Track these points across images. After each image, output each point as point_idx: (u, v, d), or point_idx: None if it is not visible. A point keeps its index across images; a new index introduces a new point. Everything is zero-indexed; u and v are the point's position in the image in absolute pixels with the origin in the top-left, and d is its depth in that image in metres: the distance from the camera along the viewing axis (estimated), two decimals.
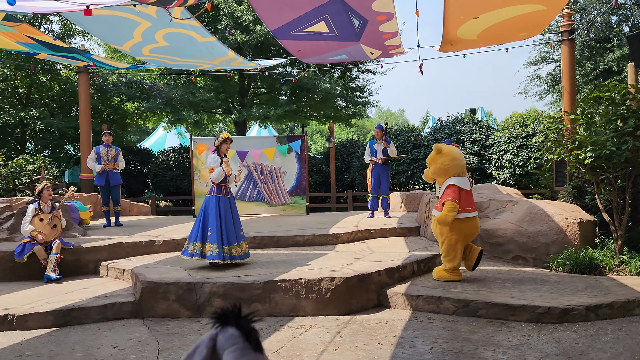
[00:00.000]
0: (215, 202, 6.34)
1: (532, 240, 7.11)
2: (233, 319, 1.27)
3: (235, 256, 6.33)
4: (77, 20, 8.94)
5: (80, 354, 4.45)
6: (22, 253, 6.88)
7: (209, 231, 6.26)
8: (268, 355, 4.21)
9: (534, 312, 4.97)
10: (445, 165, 6.09)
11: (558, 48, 21.75)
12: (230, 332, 1.24)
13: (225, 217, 6.33)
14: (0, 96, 18.60)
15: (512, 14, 7.19)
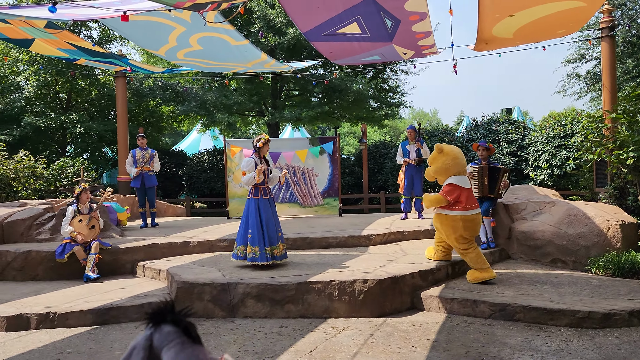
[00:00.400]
0: (255, 204, 6.38)
1: (571, 242, 6.92)
2: (167, 316, 1.24)
3: (276, 256, 6.38)
4: (115, 27, 9.17)
5: (119, 352, 4.55)
6: (62, 253, 7.08)
7: (249, 233, 6.31)
8: (301, 356, 4.22)
9: (574, 317, 4.84)
10: (447, 165, 6.25)
11: (598, 45, 21.16)
12: (166, 329, 1.22)
13: (267, 218, 6.35)
14: (43, 101, 19.21)
15: (549, 11, 7.02)
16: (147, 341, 1.23)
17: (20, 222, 8.25)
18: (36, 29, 7.95)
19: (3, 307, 5.69)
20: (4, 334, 5.22)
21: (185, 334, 1.20)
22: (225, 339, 4.80)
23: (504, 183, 7.51)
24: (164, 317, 1.24)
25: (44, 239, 8.19)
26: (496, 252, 7.40)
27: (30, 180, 13.24)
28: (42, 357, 4.52)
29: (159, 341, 1.21)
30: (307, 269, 6.19)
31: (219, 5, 5.77)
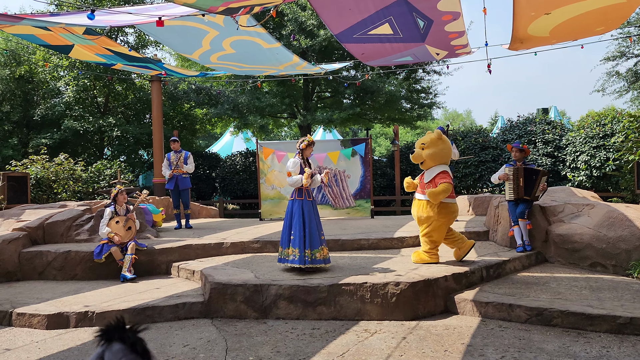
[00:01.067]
0: (298, 206, 6.32)
1: (611, 246, 6.72)
2: (116, 334, 1.24)
3: (318, 260, 6.21)
4: (150, 32, 9.37)
5: (154, 351, 4.62)
6: (100, 254, 7.26)
7: (291, 235, 6.27)
8: (333, 359, 4.21)
9: (615, 323, 4.69)
10: (444, 152, 6.50)
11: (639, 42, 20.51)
12: (116, 347, 1.22)
13: (309, 220, 6.29)
14: (81, 105, 19.76)
15: (587, 7, 6.83)
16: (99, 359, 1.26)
17: (60, 223, 8.49)
18: (75, 35, 8.18)
19: (44, 305, 5.86)
20: (45, 332, 5.38)
21: (133, 351, 1.21)
22: (257, 340, 4.84)
23: (542, 186, 7.35)
24: (113, 334, 1.25)
25: (83, 240, 8.41)
26: (532, 255, 7.24)
27: (69, 182, 13.63)
28: (81, 355, 4.63)
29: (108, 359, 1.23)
30: (339, 271, 6.18)
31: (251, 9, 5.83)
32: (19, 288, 6.95)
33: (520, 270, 6.86)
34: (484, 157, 16.40)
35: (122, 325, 1.26)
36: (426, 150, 6.49)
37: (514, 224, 7.43)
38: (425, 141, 6.55)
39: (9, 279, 7.43)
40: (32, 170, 13.18)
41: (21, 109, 19.66)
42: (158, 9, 6.93)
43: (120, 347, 1.23)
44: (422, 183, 6.58)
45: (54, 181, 13.41)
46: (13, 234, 7.85)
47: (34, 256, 7.56)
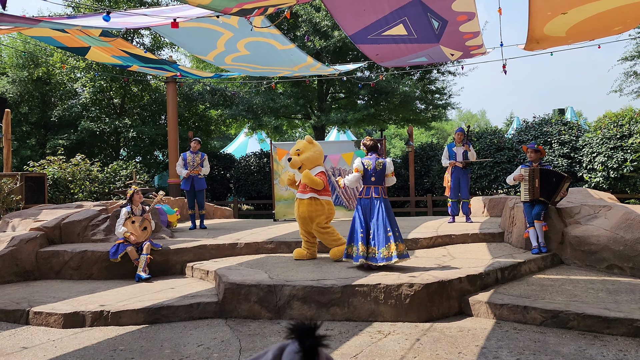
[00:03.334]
0: (357, 204, 6.59)
1: (629, 248, 6.62)
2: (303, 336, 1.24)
3: (373, 258, 6.23)
4: (165, 33, 9.45)
5: (169, 351, 4.66)
6: (116, 253, 7.33)
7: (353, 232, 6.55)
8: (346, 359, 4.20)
9: (632, 326, 4.62)
10: (317, 154, 7.20)
11: None
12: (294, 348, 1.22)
13: (364, 218, 6.42)
14: (98, 106, 19.98)
15: (605, 7, 6.75)
16: (279, 350, 1.26)
17: (77, 223, 8.59)
18: (92, 37, 8.28)
19: (61, 304, 5.94)
20: (62, 331, 5.45)
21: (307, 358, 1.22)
22: (271, 340, 4.85)
23: (563, 193, 7.28)
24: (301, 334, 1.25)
25: (99, 240, 8.50)
26: (548, 257, 7.17)
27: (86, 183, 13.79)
28: (96, 353, 4.68)
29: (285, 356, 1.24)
30: (352, 272, 6.17)
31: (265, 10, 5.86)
32: (36, 287, 7.05)
33: (536, 272, 6.80)
34: (499, 158, 16.27)
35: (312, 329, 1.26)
36: (302, 155, 7.16)
37: (530, 226, 7.36)
38: (299, 147, 7.23)
39: (26, 278, 7.54)
40: (50, 171, 13.36)
41: (39, 110, 19.94)
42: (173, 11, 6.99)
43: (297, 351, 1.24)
44: (301, 184, 7.18)
45: (70, 181, 13.58)
46: (30, 233, 7.96)
47: (51, 256, 7.66)
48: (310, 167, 7.16)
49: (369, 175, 6.51)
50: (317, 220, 7.07)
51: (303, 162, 7.15)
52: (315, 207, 7.05)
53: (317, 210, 7.05)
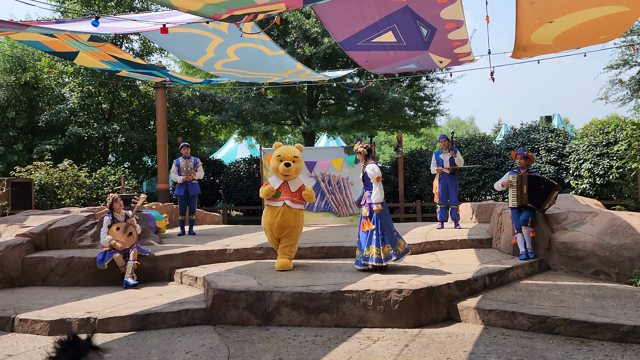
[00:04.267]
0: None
1: (615, 254, 6.69)
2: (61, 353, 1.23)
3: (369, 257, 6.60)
4: (155, 39, 9.42)
5: (156, 358, 4.63)
6: (102, 260, 7.27)
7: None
8: None
9: (618, 331, 4.67)
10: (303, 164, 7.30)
11: None
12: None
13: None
14: (86, 112, 19.86)
15: (591, 16, 6.85)
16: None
17: (63, 229, 8.51)
18: (80, 42, 8.24)
19: (47, 311, 5.87)
20: (48, 338, 5.39)
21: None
22: (260, 347, 4.83)
23: (552, 201, 7.36)
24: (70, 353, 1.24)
25: (86, 246, 8.43)
26: (535, 262, 7.22)
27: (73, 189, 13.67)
28: None
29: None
30: (342, 278, 6.18)
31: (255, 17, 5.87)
32: (22, 294, 6.97)
33: (524, 277, 6.85)
34: (488, 165, 16.39)
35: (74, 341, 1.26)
36: (296, 163, 7.09)
37: (517, 232, 7.42)
38: (296, 154, 7.13)
39: (12, 285, 7.45)
40: (37, 176, 13.23)
41: (26, 115, 19.77)
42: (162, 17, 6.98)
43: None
44: (290, 192, 7.06)
45: (58, 187, 13.46)
46: (16, 239, 7.87)
47: (37, 262, 7.58)
48: (296, 176, 7.19)
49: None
50: (299, 229, 7.14)
51: (297, 169, 7.11)
52: (301, 217, 7.14)
53: (301, 220, 7.17)
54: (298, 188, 7.14)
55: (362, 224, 6.79)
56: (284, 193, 7.05)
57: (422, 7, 6.68)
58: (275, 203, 7.03)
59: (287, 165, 6.97)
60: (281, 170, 7.00)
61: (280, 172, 7.04)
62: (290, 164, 6.98)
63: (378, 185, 6.64)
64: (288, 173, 7.01)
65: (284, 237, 7.06)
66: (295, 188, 7.12)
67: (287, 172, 7.00)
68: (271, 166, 7.21)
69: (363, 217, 6.80)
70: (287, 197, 7.03)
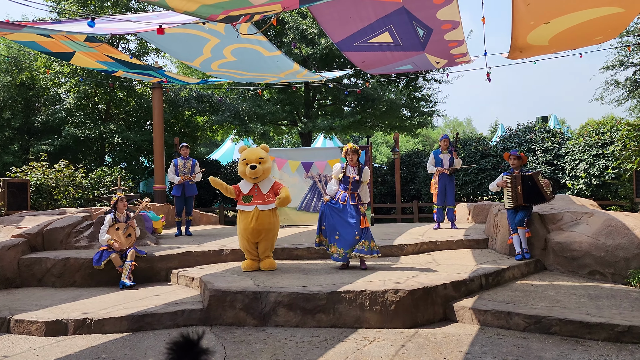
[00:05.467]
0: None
1: (610, 254, 6.72)
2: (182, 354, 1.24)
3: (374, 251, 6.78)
4: (151, 39, 9.42)
5: (152, 359, 4.63)
6: (99, 260, 7.26)
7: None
8: None
9: (613, 331, 4.69)
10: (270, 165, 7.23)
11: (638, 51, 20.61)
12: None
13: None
14: (82, 112, 19.81)
15: (586, 17, 6.88)
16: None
17: (59, 229, 8.50)
18: (76, 42, 8.22)
19: (43, 312, 5.86)
20: (43, 339, 5.38)
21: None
22: (256, 348, 4.83)
23: (545, 183, 7.33)
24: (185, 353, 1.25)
25: (82, 247, 8.42)
26: (531, 263, 7.24)
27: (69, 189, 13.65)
28: None
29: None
30: (338, 278, 6.18)
31: (251, 17, 5.87)
32: (18, 295, 6.95)
33: (519, 278, 6.86)
34: (484, 165, 16.42)
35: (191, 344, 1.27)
36: (264, 164, 7.01)
37: (513, 232, 7.44)
38: (262, 155, 7.04)
39: (7, 286, 7.43)
40: (32, 177, 13.20)
41: (22, 116, 19.72)
42: (159, 17, 6.98)
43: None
44: (261, 194, 6.98)
45: (54, 188, 13.43)
46: (12, 240, 7.85)
47: (33, 263, 7.56)
48: (265, 178, 7.09)
49: None
50: (274, 231, 7.07)
51: (264, 171, 7.00)
52: (275, 217, 7.06)
53: (277, 220, 7.12)
54: (270, 188, 7.05)
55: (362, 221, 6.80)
56: (255, 197, 6.95)
57: (419, 8, 6.70)
58: (247, 207, 6.94)
59: (253, 167, 6.87)
60: (248, 173, 6.89)
61: (248, 176, 6.95)
62: (256, 166, 6.88)
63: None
64: (255, 175, 6.92)
65: (261, 241, 7.00)
66: (267, 189, 7.02)
67: (255, 175, 6.91)
68: (239, 171, 7.10)
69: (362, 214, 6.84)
70: (258, 201, 6.93)
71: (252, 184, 7.02)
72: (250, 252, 7.05)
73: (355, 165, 6.88)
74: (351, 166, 6.87)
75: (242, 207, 7.00)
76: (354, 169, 6.86)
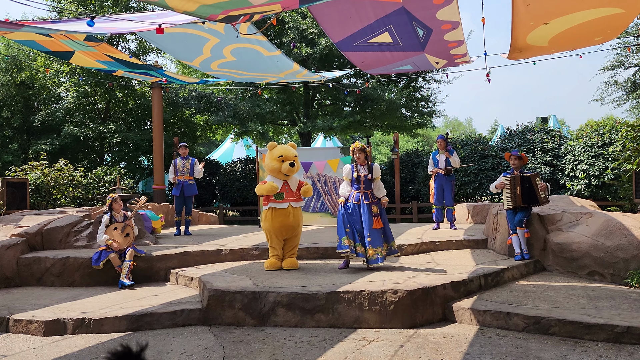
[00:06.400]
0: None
1: (609, 255, 6.72)
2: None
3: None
4: (151, 39, 9.41)
5: (151, 359, 4.62)
6: (98, 260, 7.25)
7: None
8: None
9: (612, 332, 4.69)
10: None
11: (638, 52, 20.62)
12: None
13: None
14: (82, 111, 19.80)
15: (586, 18, 6.88)
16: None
17: (59, 229, 8.49)
18: (76, 41, 8.22)
19: (41, 312, 5.86)
20: (42, 339, 5.38)
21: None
22: (255, 348, 4.83)
23: (542, 186, 7.33)
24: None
25: (82, 246, 8.41)
26: (530, 263, 7.24)
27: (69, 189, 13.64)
28: None
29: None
30: (337, 279, 6.18)
31: (251, 17, 5.87)
32: (17, 294, 6.95)
33: (519, 278, 6.86)
34: (484, 166, 16.42)
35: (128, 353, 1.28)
36: (297, 162, 6.99)
37: (513, 232, 7.44)
38: (296, 154, 7.08)
39: (7, 285, 7.43)
40: (32, 176, 13.19)
41: (22, 115, 19.71)
42: (158, 17, 6.97)
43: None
44: (292, 192, 7.00)
45: (53, 187, 13.42)
46: (11, 239, 7.85)
47: (32, 262, 7.56)
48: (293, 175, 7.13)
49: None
50: (301, 227, 7.17)
51: (297, 168, 7.05)
52: (301, 215, 7.16)
53: (302, 218, 7.20)
54: (297, 186, 7.10)
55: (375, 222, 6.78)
56: (287, 194, 6.97)
57: (418, 8, 6.69)
58: (281, 205, 6.92)
59: (292, 165, 6.85)
60: (285, 170, 6.84)
61: (282, 173, 6.90)
62: (294, 163, 6.90)
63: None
64: (294, 172, 6.94)
65: (291, 238, 7.09)
66: (295, 187, 7.07)
67: (293, 172, 6.92)
68: (270, 167, 7.02)
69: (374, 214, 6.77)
70: (291, 198, 6.98)
71: (283, 181, 7.00)
72: (277, 249, 7.07)
73: (364, 163, 6.89)
74: (360, 165, 6.88)
75: (275, 204, 6.94)
76: (364, 167, 6.88)
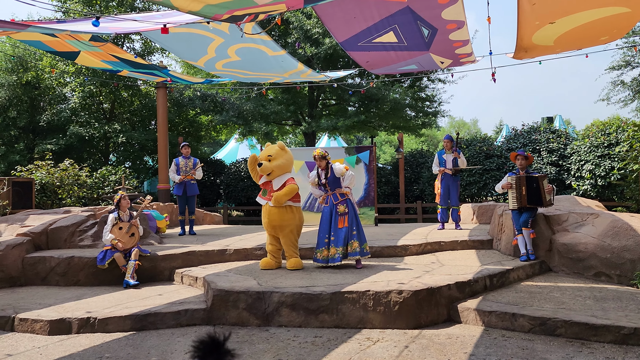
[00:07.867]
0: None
1: (616, 255, 6.68)
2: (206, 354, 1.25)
3: (318, 259, 7.08)
4: (156, 39, 9.42)
5: (155, 358, 4.62)
6: (103, 260, 7.26)
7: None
8: None
9: (619, 333, 4.65)
10: (288, 162, 7.17)
11: None
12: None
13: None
14: (87, 111, 19.86)
15: (592, 17, 6.84)
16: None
17: (64, 228, 8.51)
18: (81, 42, 8.24)
19: (46, 311, 5.87)
20: (47, 338, 5.39)
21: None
22: (259, 348, 4.82)
23: (548, 189, 7.29)
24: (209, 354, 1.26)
25: (86, 246, 8.43)
26: (536, 264, 7.21)
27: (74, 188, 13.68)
28: None
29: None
30: (341, 279, 6.17)
31: (256, 17, 5.86)
32: (22, 293, 6.97)
33: (524, 279, 6.83)
34: (489, 166, 16.37)
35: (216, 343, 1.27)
36: (273, 162, 7.02)
37: (518, 233, 7.40)
38: (271, 153, 7.08)
39: (12, 284, 7.45)
40: (37, 176, 13.24)
41: (27, 115, 19.79)
42: (163, 17, 6.98)
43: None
44: (273, 191, 7.02)
45: (58, 187, 13.46)
46: (17, 239, 7.87)
47: (37, 261, 7.58)
48: (280, 174, 7.08)
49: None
50: (290, 228, 7.07)
51: (274, 168, 7.01)
52: (288, 215, 7.04)
53: (291, 218, 7.06)
54: (281, 186, 7.02)
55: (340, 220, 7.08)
56: (268, 193, 7.09)
57: (423, 8, 6.67)
58: (262, 202, 7.19)
59: (259, 165, 6.98)
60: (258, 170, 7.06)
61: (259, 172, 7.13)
62: (262, 163, 6.96)
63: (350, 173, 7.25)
64: (262, 173, 7.04)
65: (280, 237, 7.15)
66: (277, 186, 7.03)
67: (262, 172, 7.03)
68: None
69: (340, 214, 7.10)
70: (269, 197, 7.07)
71: (267, 180, 7.14)
72: (271, 247, 7.19)
73: (324, 168, 7.21)
74: (322, 169, 7.21)
75: (260, 200, 7.22)
76: (323, 172, 7.21)
